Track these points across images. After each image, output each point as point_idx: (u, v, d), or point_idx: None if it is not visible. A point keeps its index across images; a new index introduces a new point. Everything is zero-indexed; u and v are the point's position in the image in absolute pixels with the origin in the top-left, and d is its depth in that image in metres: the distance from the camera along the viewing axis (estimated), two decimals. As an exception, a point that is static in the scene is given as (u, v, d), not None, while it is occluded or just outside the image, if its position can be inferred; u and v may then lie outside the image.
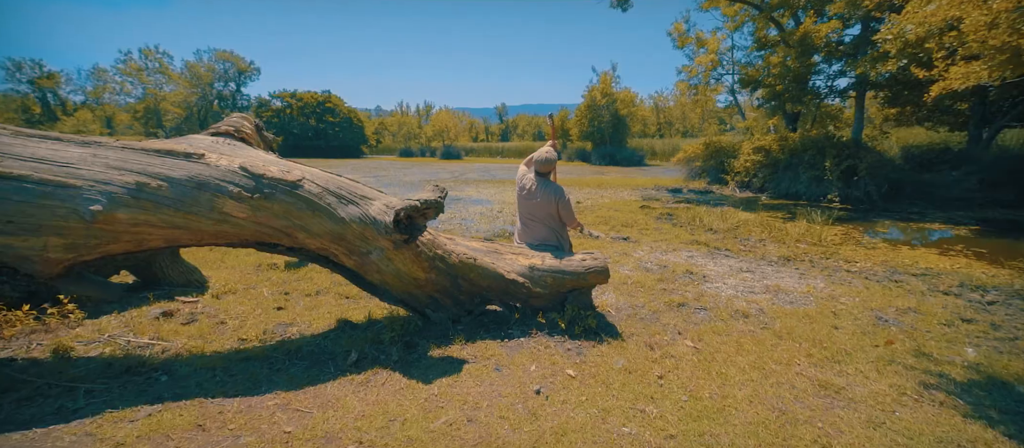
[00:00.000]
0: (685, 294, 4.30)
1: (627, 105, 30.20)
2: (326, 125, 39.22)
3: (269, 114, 40.02)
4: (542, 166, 3.72)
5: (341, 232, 2.82)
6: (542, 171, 3.73)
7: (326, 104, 39.77)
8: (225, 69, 43.28)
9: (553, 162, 3.76)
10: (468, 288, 3.41)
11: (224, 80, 43.46)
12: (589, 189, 14.15)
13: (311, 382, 2.44)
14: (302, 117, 38.96)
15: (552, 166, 3.76)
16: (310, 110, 39.14)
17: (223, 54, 43.21)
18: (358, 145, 41.49)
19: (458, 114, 47.49)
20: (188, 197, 2.34)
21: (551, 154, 3.79)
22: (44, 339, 2.65)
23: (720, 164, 16.07)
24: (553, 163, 3.76)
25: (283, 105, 39.85)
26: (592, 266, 3.48)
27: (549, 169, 3.75)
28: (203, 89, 42.36)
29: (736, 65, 17.71)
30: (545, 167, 3.72)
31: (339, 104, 40.55)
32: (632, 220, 8.31)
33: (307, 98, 39.65)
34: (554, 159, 3.78)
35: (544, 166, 3.72)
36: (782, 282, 4.75)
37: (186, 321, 3.20)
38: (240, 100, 44.25)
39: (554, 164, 3.78)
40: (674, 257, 5.74)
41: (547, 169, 3.74)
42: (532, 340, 3.24)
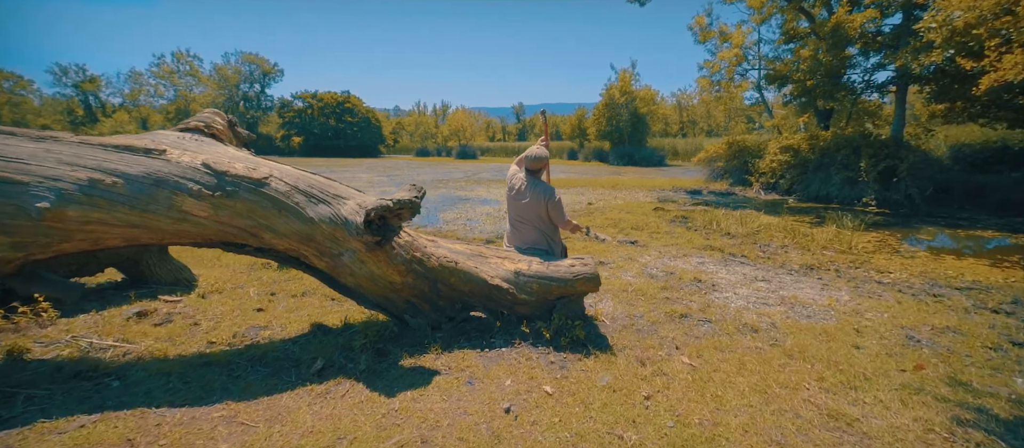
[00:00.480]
0: (689, 304, 3.99)
1: (647, 103, 29.46)
2: (345, 125, 39.92)
3: (291, 114, 41.07)
4: (532, 163, 3.50)
5: (310, 233, 2.68)
6: (532, 168, 3.52)
7: (345, 104, 40.49)
8: (250, 71, 44.67)
9: (544, 159, 3.54)
10: (448, 293, 3.23)
11: (250, 81, 44.87)
12: (602, 190, 13.78)
13: (268, 391, 2.30)
14: (322, 117, 39.78)
15: (543, 163, 3.54)
16: (330, 110, 39.93)
17: (249, 56, 44.61)
18: (376, 145, 42.07)
19: (474, 113, 47.52)
20: (145, 194, 2.24)
21: (542, 151, 3.56)
22: (7, 339, 2.62)
23: (744, 165, 15.38)
24: (544, 160, 3.54)
25: (304, 105, 40.81)
26: (580, 273, 3.23)
27: (540, 167, 3.53)
28: (230, 90, 43.84)
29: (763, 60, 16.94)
30: (536, 164, 3.50)
31: (358, 104, 41.21)
32: (643, 223, 7.97)
33: (327, 98, 40.47)
34: (545, 156, 3.55)
35: (534, 163, 3.50)
36: (801, 293, 4.37)
37: (160, 322, 3.14)
38: (264, 101, 45.61)
39: (545, 162, 3.56)
40: (683, 263, 5.40)
41: (538, 166, 3.52)
42: (514, 351, 3.03)
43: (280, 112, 42.61)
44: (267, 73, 45.33)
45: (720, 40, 16.62)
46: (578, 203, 10.81)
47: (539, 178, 3.59)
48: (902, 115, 12.38)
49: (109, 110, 48.02)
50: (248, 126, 42.96)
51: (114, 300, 3.56)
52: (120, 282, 4.04)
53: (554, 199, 3.42)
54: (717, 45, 16.75)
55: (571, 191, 13.39)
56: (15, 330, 2.73)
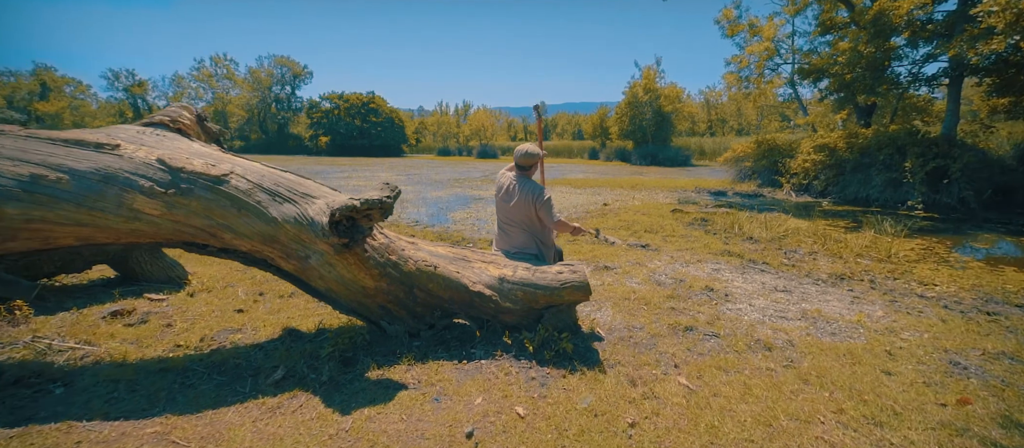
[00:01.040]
0: (697, 316, 3.63)
1: (672, 101, 28.52)
2: (370, 125, 40.65)
3: (319, 115, 42.17)
4: (523, 159, 3.25)
5: (273, 233, 2.53)
6: (523, 164, 3.27)
7: (370, 105, 41.24)
8: (282, 73, 46.20)
9: (535, 156, 3.28)
10: (425, 299, 3.02)
11: (281, 84, 46.40)
12: (620, 190, 13.31)
13: (215, 404, 2.15)
14: (348, 117, 40.66)
15: (534, 160, 3.28)
16: (355, 111, 40.76)
17: (281, 59, 46.16)
18: (399, 144, 42.64)
19: (495, 113, 47.47)
20: (92, 192, 2.13)
21: (533, 147, 3.31)
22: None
23: (774, 165, 14.54)
24: (535, 158, 3.28)
25: (331, 106, 41.83)
26: (568, 281, 2.95)
27: (530, 163, 3.28)
28: (263, 92, 45.48)
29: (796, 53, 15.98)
30: (526, 160, 3.25)
31: (382, 105, 41.90)
32: (659, 225, 7.54)
33: (353, 99, 41.34)
34: (537, 153, 3.29)
35: (525, 159, 3.25)
36: (826, 306, 3.93)
37: (134, 322, 3.08)
38: (294, 102, 47.07)
39: (536, 159, 3.30)
40: (695, 270, 5.01)
41: (528, 163, 3.26)
42: (494, 363, 2.79)
43: (309, 113, 43.88)
44: (297, 75, 46.81)
45: (750, 34, 15.80)
46: (593, 204, 10.44)
47: (529, 177, 3.34)
48: (956, 111, 11.32)
49: (155, 112, 50.97)
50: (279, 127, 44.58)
51: (100, 298, 3.55)
52: (112, 279, 4.04)
53: (543, 199, 3.16)
54: (746, 39, 15.93)
55: (587, 191, 13.01)
56: None
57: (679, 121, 30.54)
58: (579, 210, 9.40)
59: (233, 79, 47.49)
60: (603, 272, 4.84)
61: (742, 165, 15.94)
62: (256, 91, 45.38)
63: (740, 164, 16.01)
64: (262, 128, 44.50)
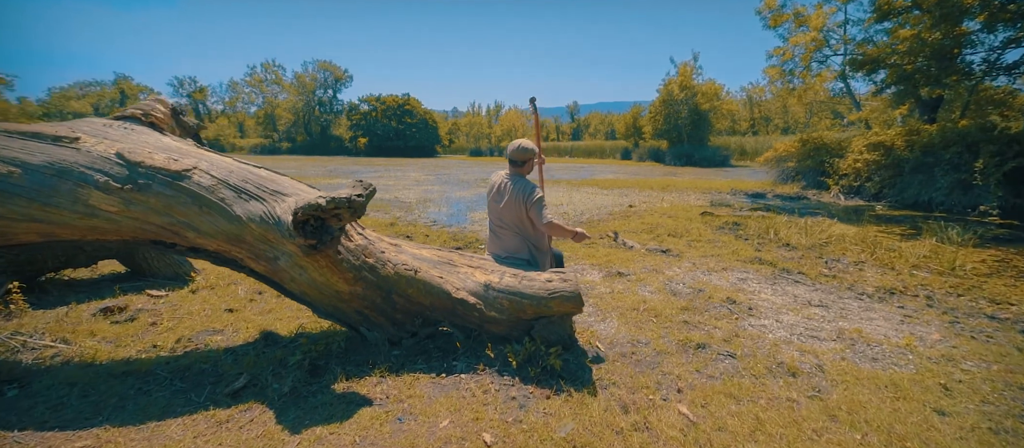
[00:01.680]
0: (712, 331, 3.23)
1: (710, 99, 27.17)
2: (405, 126, 41.52)
3: (358, 117, 43.53)
4: (516, 154, 2.99)
5: (238, 233, 2.40)
6: (515, 159, 3.00)
7: (405, 107, 42.13)
8: (324, 78, 48.10)
9: (529, 152, 3.01)
10: (404, 306, 2.82)
11: (324, 87, 48.31)
12: (649, 192, 12.70)
13: (163, 414, 2.03)
14: (385, 119, 41.72)
15: (528, 156, 3.01)
16: (392, 112, 41.76)
17: (324, 64, 48.09)
18: (433, 145, 43.28)
19: (526, 114, 47.21)
20: (46, 186, 2.08)
21: (527, 142, 3.04)
22: None
23: (820, 165, 13.42)
24: (529, 153, 3.01)
25: (369, 108, 43.08)
26: (557, 290, 2.66)
27: (524, 159, 3.00)
28: (307, 96, 47.51)
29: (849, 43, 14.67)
30: (520, 155, 2.98)
31: (417, 106, 42.70)
32: (685, 229, 7.03)
33: (389, 101, 42.38)
34: (531, 149, 3.02)
35: (518, 154, 2.98)
36: (869, 325, 3.40)
37: (122, 319, 3.07)
38: (335, 105, 48.88)
39: (531, 155, 3.02)
40: (718, 279, 4.55)
41: (522, 158, 3.00)
42: (474, 379, 2.55)
43: (348, 115, 45.44)
44: (338, 79, 48.60)
45: (796, 24, 14.66)
46: (618, 205, 9.97)
47: (523, 175, 3.07)
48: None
49: (214, 116, 54.94)
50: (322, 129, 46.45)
51: (101, 293, 3.60)
52: (121, 274, 4.13)
53: (533, 198, 2.88)
54: (790, 30, 14.81)
55: (613, 192, 12.50)
56: None
57: (718, 119, 29.09)
58: (602, 212, 8.99)
59: (281, 84, 50.08)
60: (614, 279, 4.49)
61: (784, 166, 14.85)
62: (301, 95, 47.51)
63: (782, 164, 14.92)
64: (306, 130, 46.53)
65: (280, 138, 47.16)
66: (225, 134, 49.64)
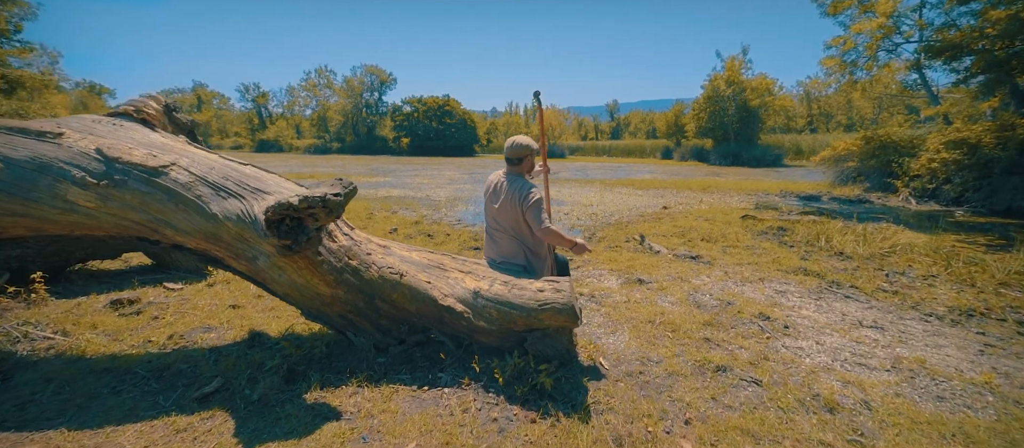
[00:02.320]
0: (737, 352, 2.83)
1: (760, 95, 25.39)
2: (445, 126, 42.27)
3: (401, 118, 44.83)
4: (510, 151, 2.74)
5: (215, 231, 2.34)
6: (511, 157, 2.76)
7: (445, 107, 42.87)
8: (371, 81, 50.00)
9: (526, 148, 2.75)
10: (389, 311, 2.65)
11: (370, 90, 50.21)
12: (687, 193, 11.95)
13: (125, 418, 1.99)
14: (426, 119, 42.67)
15: (525, 153, 2.75)
16: (432, 113, 42.64)
17: (371, 68, 50.05)
18: (471, 144, 43.74)
19: (563, 112, 46.56)
20: (26, 181, 2.09)
21: (523, 138, 2.78)
22: None
23: (887, 164, 12.05)
24: (526, 150, 2.75)
25: (412, 109, 44.24)
26: (547, 301, 2.39)
27: (521, 156, 2.75)
28: (355, 99, 49.58)
29: (926, 28, 13.05)
30: (515, 153, 2.74)
31: (456, 107, 43.35)
32: (721, 234, 6.46)
33: (430, 102, 43.30)
34: (528, 145, 2.76)
35: (513, 151, 2.74)
36: (936, 355, 2.86)
37: (129, 312, 3.14)
38: (381, 107, 50.66)
39: (528, 152, 2.76)
40: (752, 290, 4.06)
41: (518, 155, 2.74)
42: (457, 394, 2.34)
43: (392, 116, 46.95)
44: (384, 82, 50.37)
45: (860, 9, 13.24)
46: (650, 207, 9.43)
47: (521, 174, 2.82)
48: None
49: (274, 119, 59.13)
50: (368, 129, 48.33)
51: (120, 284, 3.75)
52: (147, 266, 4.29)
53: (530, 201, 2.62)
54: (854, 16, 13.42)
55: (648, 193, 11.88)
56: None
57: (769, 116, 27.16)
58: (632, 213, 8.51)
59: (332, 88, 52.83)
60: (633, 286, 4.12)
61: (844, 166, 13.49)
62: (350, 98, 49.70)
63: (842, 164, 13.57)
64: (354, 131, 48.58)
65: (331, 139, 49.55)
66: (284, 135, 53.07)
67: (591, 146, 40.50)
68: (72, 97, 47.13)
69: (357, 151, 45.14)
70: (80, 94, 50.97)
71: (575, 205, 9.73)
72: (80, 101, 48.87)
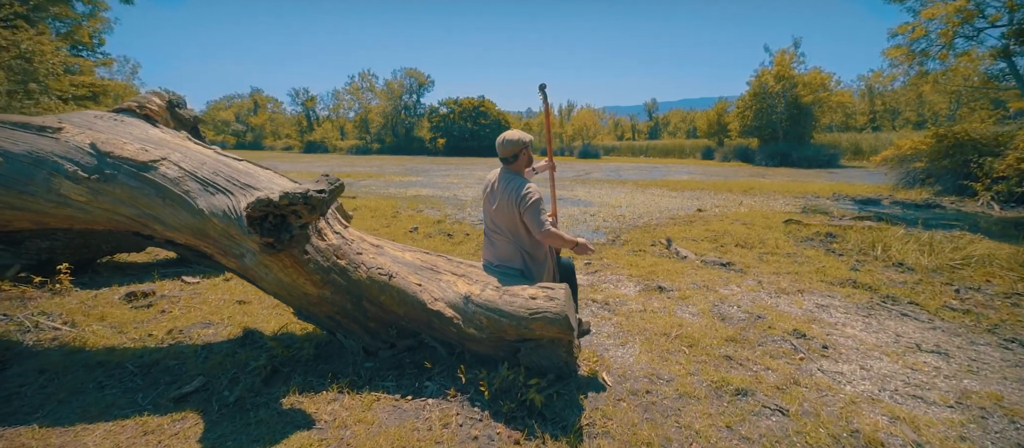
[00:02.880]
0: (762, 374, 2.48)
1: (813, 90, 23.56)
2: (479, 127, 42.64)
3: (437, 119, 45.70)
4: (502, 148, 2.55)
5: (202, 227, 2.30)
6: (504, 155, 2.57)
7: (480, 108, 43.26)
8: (410, 83, 51.35)
9: (518, 144, 2.54)
10: (377, 314, 2.53)
11: (409, 92, 51.56)
12: (726, 195, 11.21)
13: (98, 417, 1.98)
14: (461, 120, 43.22)
15: (517, 149, 2.55)
16: (467, 114, 43.14)
17: (410, 71, 51.41)
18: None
19: (598, 112, 45.49)
20: (23, 175, 2.14)
21: (515, 133, 2.58)
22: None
23: (962, 165, 10.75)
24: (519, 146, 2.54)
25: (448, 111, 44.98)
26: (540, 310, 2.17)
27: (514, 153, 2.55)
28: (395, 101, 51.11)
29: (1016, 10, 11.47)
30: (507, 150, 2.54)
31: (491, 108, 43.61)
32: (758, 239, 5.92)
33: (465, 103, 43.84)
34: (519, 140, 2.55)
35: (505, 148, 2.55)
36: (1016, 392, 2.38)
37: (140, 305, 3.22)
38: (418, 108, 51.87)
39: (521, 147, 2.56)
40: (788, 303, 3.63)
41: (510, 152, 2.55)
42: (440, 406, 2.19)
43: (429, 117, 48.00)
44: (422, 84, 51.59)
45: (932, -9, 11.85)
46: (683, 209, 8.89)
47: (517, 171, 2.61)
48: None
49: (321, 121, 62.40)
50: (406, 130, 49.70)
51: (141, 277, 3.89)
52: (172, 260, 4.46)
53: (528, 201, 2.41)
54: (923, 1, 12.05)
55: (683, 195, 11.26)
56: (17, 297, 3.09)
57: (824, 113, 25.14)
58: (663, 215, 8.05)
59: (373, 91, 54.87)
60: (651, 294, 3.81)
61: (911, 166, 12.18)
62: (390, 100, 51.33)
63: (907, 165, 12.26)
64: (393, 132, 50.10)
65: (371, 140, 51.35)
66: (329, 137, 55.72)
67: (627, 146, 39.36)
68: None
69: (395, 151, 46.44)
70: (155, 101, 56.10)
71: (602, 206, 9.36)
72: (155, 108, 53.92)
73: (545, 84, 2.95)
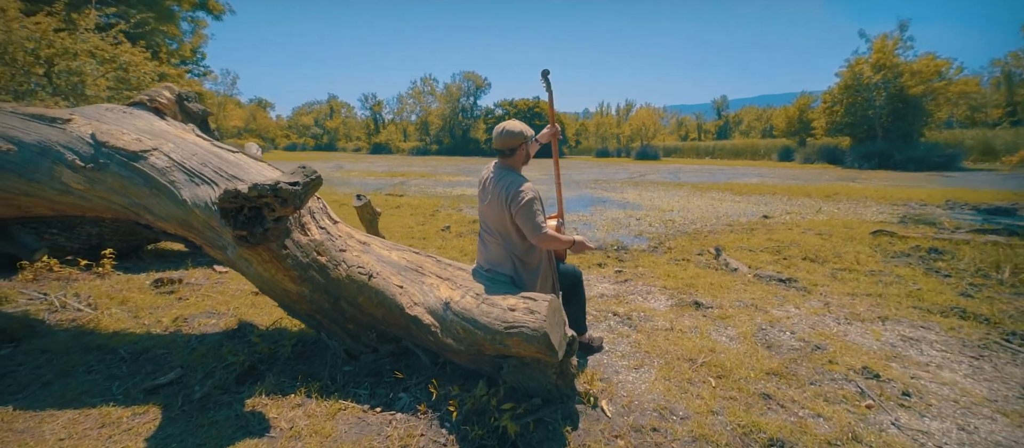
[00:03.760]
0: (811, 422, 1.94)
1: (924, 80, 20.22)
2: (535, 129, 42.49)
3: (493, 121, 46.35)
4: (498, 140, 2.27)
5: (186, 218, 2.29)
6: (500, 147, 2.28)
7: (535, 109, 43.18)
8: (467, 86, 52.66)
9: (519, 136, 2.25)
10: (355, 316, 2.36)
11: (467, 95, 52.87)
12: (803, 200, 9.86)
13: (69, 403, 1.98)
14: (517, 122, 43.55)
15: (518, 142, 2.26)
16: (522, 116, 43.27)
17: (468, 74, 52.78)
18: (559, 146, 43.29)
19: (658, 111, 42.97)
20: (31, 163, 2.25)
21: (514, 124, 2.28)
22: (40, 287, 3.18)
23: None
24: (519, 138, 2.25)
25: (503, 113, 45.39)
26: (517, 325, 1.86)
27: (512, 146, 2.26)
28: (454, 104, 52.70)
29: None
30: (503, 142, 2.26)
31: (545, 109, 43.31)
32: (834, 252, 5.02)
33: (520, 105, 44.01)
34: (520, 132, 2.25)
35: (502, 140, 2.26)
36: None
37: (164, 291, 3.37)
38: (475, 111, 52.99)
39: (521, 140, 2.26)
40: (859, 332, 2.92)
41: (508, 145, 2.26)
42: (407, 423, 1.97)
43: (485, 119, 48.89)
44: (479, 87, 52.69)
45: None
46: (746, 215, 7.93)
47: (513, 167, 2.31)
48: None
49: (386, 124, 66.46)
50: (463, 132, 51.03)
51: (177, 264, 4.12)
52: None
53: (520, 201, 2.10)
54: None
55: (748, 199, 10.11)
56: (63, 278, 3.37)
57: (939, 107, 21.47)
58: (720, 222, 7.22)
59: (434, 94, 57.15)
60: (684, 310, 3.29)
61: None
62: (449, 103, 53.08)
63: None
64: (451, 134, 51.74)
65: (430, 141, 53.40)
66: (393, 139, 58.99)
67: (691, 147, 36.81)
68: (247, 111, 59.37)
69: (453, 153, 47.74)
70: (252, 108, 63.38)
71: (651, 210, 8.65)
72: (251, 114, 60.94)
73: (548, 70, 2.65)
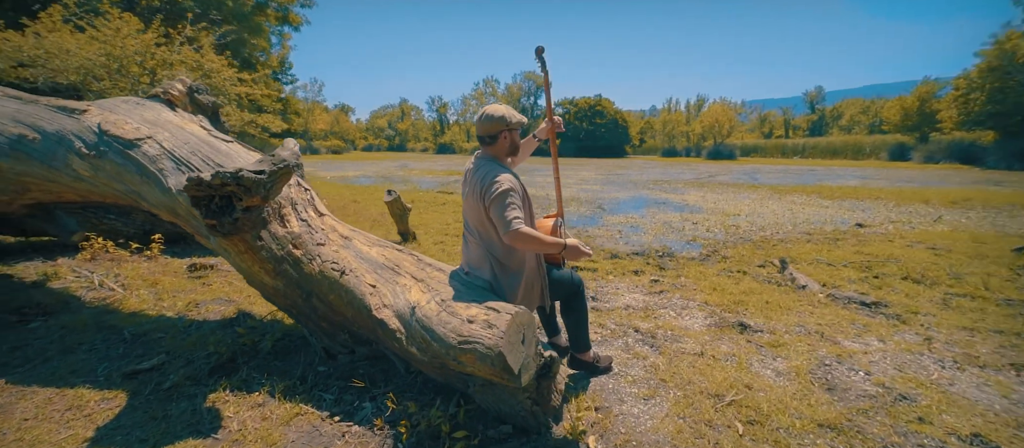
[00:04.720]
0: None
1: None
2: (595, 127, 41.25)
3: (554, 120, 45.95)
4: (481, 125, 1.97)
5: (172, 205, 2.30)
6: (480, 134, 1.99)
7: (596, 107, 41.78)
8: (528, 86, 52.75)
9: (500, 122, 1.92)
10: (327, 314, 2.21)
11: (527, 95, 52.99)
12: (916, 206, 8.21)
13: (52, 382, 2.03)
14: (576, 121, 42.39)
15: (499, 128, 1.94)
16: (583, 114, 42.06)
17: (529, 74, 52.86)
18: (622, 145, 41.60)
19: (735, 106, 38.99)
20: (50, 151, 2.39)
21: (499, 108, 1.95)
22: (93, 266, 3.48)
23: None
24: (500, 124, 1.92)
25: (563, 112, 44.58)
26: (472, 338, 1.56)
27: (492, 132, 1.94)
28: (514, 104, 53.23)
29: None
30: (485, 128, 1.96)
31: (607, 107, 41.74)
32: (950, 273, 3.98)
33: (581, 103, 42.82)
34: (503, 117, 1.92)
35: (484, 126, 1.96)
36: None
37: (195, 276, 3.54)
38: (536, 111, 52.87)
39: (503, 126, 1.93)
40: (973, 382, 2.18)
41: (490, 131, 1.95)
42: (360, 438, 1.78)
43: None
44: (539, 86, 52.50)
45: None
46: (833, 222, 6.75)
47: (495, 156, 1.99)
48: None
49: (451, 125, 69.14)
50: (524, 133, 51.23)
51: (218, 253, 4.37)
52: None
53: (494, 192, 1.78)
54: None
55: (840, 204, 8.65)
56: (113, 259, 3.67)
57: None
58: (797, 230, 6.20)
59: (496, 96, 58.18)
60: (724, 333, 2.73)
61: None
62: (510, 103, 53.78)
63: None
64: (509, 134, 52.40)
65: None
66: (457, 139, 61.06)
67: (776, 145, 33.04)
68: (332, 116, 65.37)
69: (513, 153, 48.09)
70: (336, 113, 69.54)
71: (714, 213, 7.73)
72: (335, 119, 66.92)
73: (542, 47, 2.29)
